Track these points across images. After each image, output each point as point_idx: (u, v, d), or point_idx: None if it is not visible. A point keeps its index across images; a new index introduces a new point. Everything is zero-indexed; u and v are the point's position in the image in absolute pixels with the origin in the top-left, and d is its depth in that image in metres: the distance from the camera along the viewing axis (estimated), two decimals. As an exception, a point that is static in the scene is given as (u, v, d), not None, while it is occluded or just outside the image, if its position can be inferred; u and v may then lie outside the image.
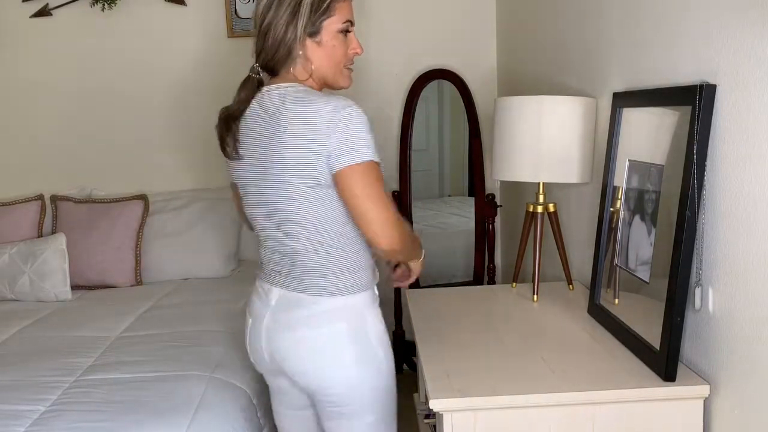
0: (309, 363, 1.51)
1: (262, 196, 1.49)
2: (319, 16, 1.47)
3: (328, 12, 1.47)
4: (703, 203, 1.36)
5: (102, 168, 3.34)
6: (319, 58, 1.49)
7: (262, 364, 1.62)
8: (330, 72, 1.52)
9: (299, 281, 1.50)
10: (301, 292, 1.50)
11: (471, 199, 3.33)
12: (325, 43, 1.49)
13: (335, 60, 1.51)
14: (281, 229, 1.49)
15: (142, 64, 3.29)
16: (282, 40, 1.46)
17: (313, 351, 1.50)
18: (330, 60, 1.51)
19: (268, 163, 1.44)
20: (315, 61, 1.49)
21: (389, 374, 1.55)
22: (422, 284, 3.31)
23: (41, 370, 2.07)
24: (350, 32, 1.53)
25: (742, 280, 1.28)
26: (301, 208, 1.44)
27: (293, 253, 1.49)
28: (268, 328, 1.54)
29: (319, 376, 1.50)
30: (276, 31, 1.46)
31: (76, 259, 2.93)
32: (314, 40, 1.48)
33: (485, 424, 1.39)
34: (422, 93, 3.28)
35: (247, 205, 1.57)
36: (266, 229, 1.53)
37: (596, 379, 1.43)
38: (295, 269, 1.50)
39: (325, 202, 1.44)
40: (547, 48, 2.51)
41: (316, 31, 1.47)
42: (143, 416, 1.75)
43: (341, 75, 1.54)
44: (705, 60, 1.38)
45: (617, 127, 1.76)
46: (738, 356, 1.30)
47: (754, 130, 1.23)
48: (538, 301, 1.97)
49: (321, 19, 1.47)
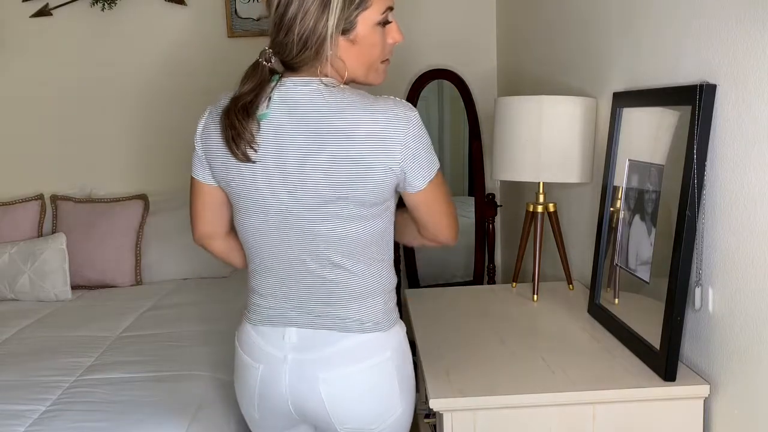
0: (360, 402, 1.31)
1: (289, 212, 1.26)
2: (353, 9, 1.21)
3: (363, 4, 1.22)
4: (703, 203, 1.36)
5: (102, 168, 3.34)
6: (353, 58, 1.25)
7: (274, 414, 1.38)
8: (362, 72, 1.29)
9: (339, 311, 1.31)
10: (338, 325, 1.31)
11: (471, 199, 3.33)
12: (360, 40, 1.24)
13: (373, 58, 1.28)
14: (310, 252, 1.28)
15: (141, 63, 3.29)
16: (309, 37, 1.20)
17: (367, 386, 1.31)
18: (366, 59, 1.27)
19: (303, 174, 1.22)
20: (348, 60, 1.25)
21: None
22: (422, 284, 3.31)
23: (41, 370, 2.07)
24: (390, 22, 1.28)
25: (742, 280, 1.28)
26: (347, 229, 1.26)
27: (322, 282, 1.30)
28: (292, 371, 1.32)
29: (369, 414, 1.33)
30: (302, 26, 1.19)
31: (76, 259, 2.93)
32: (347, 37, 1.23)
33: (485, 423, 1.39)
34: (422, 93, 3.28)
35: (253, 221, 1.30)
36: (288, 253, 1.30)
37: (596, 379, 1.43)
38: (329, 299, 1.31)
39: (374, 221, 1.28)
40: (547, 48, 2.51)
41: (350, 27, 1.22)
42: (143, 416, 1.75)
43: (375, 72, 1.31)
44: (705, 60, 1.38)
45: (617, 127, 1.76)
46: (738, 356, 1.30)
47: (754, 129, 1.23)
48: (538, 301, 1.97)
49: (356, 13, 1.22)
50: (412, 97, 3.25)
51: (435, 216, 1.31)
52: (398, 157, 1.21)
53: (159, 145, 3.34)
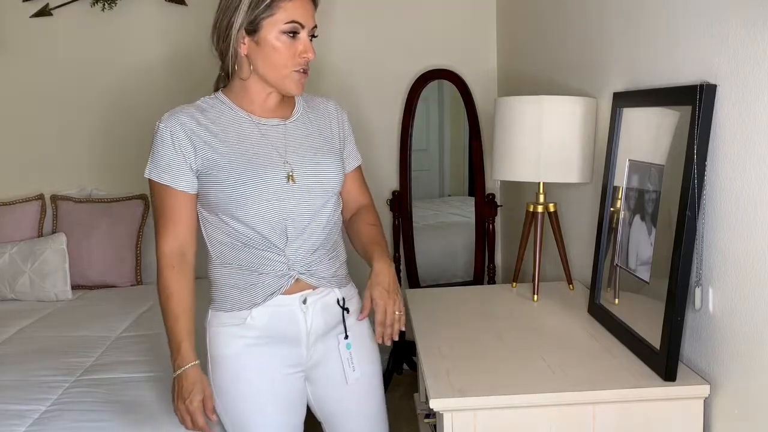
0: None
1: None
2: (259, 13, 1.40)
3: (269, 10, 1.40)
4: (703, 203, 1.36)
5: (102, 168, 3.34)
6: (259, 59, 1.44)
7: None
8: (272, 76, 1.46)
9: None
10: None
11: (471, 199, 3.33)
12: (264, 43, 1.42)
13: (277, 63, 1.44)
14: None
15: (141, 63, 3.29)
16: (221, 33, 1.44)
17: None
18: (269, 62, 1.44)
19: None
20: (254, 61, 1.44)
21: None
22: (422, 284, 3.31)
23: (41, 370, 2.07)
24: (299, 34, 1.44)
25: (742, 280, 1.28)
26: None
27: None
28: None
29: None
30: (220, 24, 1.44)
31: (76, 259, 2.93)
32: (253, 38, 1.43)
33: (485, 423, 1.38)
34: (422, 93, 3.28)
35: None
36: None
37: (596, 378, 1.43)
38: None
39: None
40: (547, 48, 2.51)
41: (254, 29, 1.41)
42: (143, 416, 1.75)
43: (288, 80, 1.46)
44: (705, 60, 1.38)
45: (617, 127, 1.76)
46: (738, 356, 1.30)
47: (754, 130, 1.23)
48: (538, 301, 1.97)
49: (261, 17, 1.40)
50: (412, 97, 3.25)
51: None
52: None
53: (159, 145, 3.33)
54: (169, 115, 1.48)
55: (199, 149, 1.47)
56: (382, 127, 3.29)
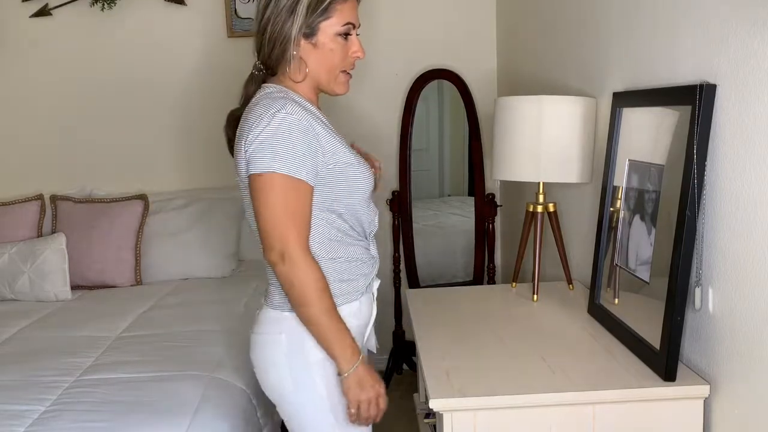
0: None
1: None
2: (317, 17, 1.41)
3: (326, 13, 1.42)
4: (703, 203, 1.36)
5: (102, 168, 3.34)
6: (314, 61, 1.45)
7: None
8: (324, 76, 1.47)
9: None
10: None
11: (471, 199, 3.33)
12: (321, 45, 1.44)
13: (331, 64, 1.46)
14: None
15: (141, 63, 3.29)
16: (277, 38, 1.41)
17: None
18: (325, 64, 1.45)
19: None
20: (310, 63, 1.45)
21: None
22: (422, 284, 3.31)
23: (41, 370, 2.07)
24: (351, 35, 1.47)
25: (742, 280, 1.28)
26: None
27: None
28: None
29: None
30: (273, 28, 1.41)
31: (76, 259, 2.93)
32: (310, 41, 1.43)
33: (485, 423, 1.39)
34: (422, 93, 3.27)
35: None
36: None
37: (596, 379, 1.43)
38: None
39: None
40: (547, 48, 2.51)
41: (312, 32, 1.42)
42: (143, 416, 1.75)
43: (336, 81, 1.48)
44: (705, 60, 1.38)
45: (617, 127, 1.76)
46: (738, 356, 1.30)
47: (754, 129, 1.23)
48: (538, 301, 1.97)
49: (318, 21, 1.42)
50: (412, 97, 3.25)
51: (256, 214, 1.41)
52: (244, 134, 1.38)
53: (159, 144, 3.34)
54: (293, 106, 1.37)
55: (327, 142, 1.43)
56: (382, 126, 3.30)
